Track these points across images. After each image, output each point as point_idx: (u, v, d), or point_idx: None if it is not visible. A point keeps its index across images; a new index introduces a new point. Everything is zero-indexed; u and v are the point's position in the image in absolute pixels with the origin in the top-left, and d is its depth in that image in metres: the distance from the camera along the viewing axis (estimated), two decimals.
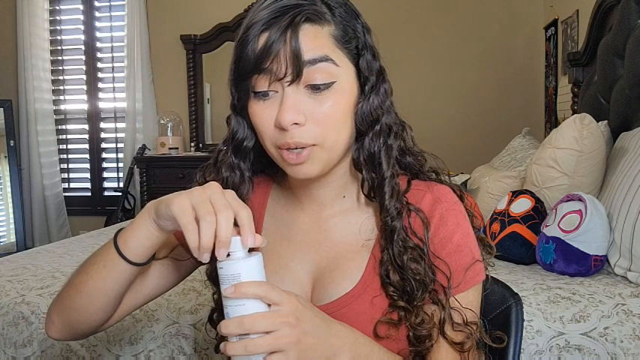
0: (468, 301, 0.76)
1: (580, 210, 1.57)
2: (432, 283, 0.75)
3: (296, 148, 0.71)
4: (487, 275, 0.79)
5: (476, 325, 0.77)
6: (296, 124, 0.70)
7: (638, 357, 1.23)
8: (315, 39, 0.70)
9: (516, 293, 0.89)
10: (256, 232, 0.81)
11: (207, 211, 0.60)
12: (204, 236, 0.59)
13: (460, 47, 3.77)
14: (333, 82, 0.71)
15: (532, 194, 1.80)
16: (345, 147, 0.75)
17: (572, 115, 1.97)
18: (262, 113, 0.72)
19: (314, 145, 0.71)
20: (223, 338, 0.78)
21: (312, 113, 0.71)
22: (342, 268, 0.78)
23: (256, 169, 0.84)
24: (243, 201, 0.78)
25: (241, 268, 0.62)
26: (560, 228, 1.58)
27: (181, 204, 0.62)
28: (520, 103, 3.71)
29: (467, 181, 2.62)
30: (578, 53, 2.61)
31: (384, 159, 0.76)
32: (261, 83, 0.71)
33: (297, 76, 0.69)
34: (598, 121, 1.84)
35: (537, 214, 1.75)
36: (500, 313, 0.88)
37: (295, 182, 0.82)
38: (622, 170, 1.67)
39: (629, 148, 1.74)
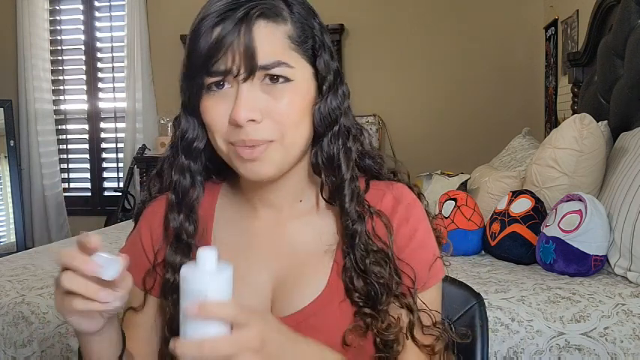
0: (431, 299, 0.75)
1: (580, 210, 1.57)
2: (398, 287, 0.72)
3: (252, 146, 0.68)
4: (445, 275, 0.79)
5: (443, 326, 0.76)
6: (252, 120, 0.66)
7: (638, 357, 1.23)
8: (270, 39, 0.66)
9: (478, 294, 0.90)
10: (205, 241, 0.78)
11: (57, 281, 0.58)
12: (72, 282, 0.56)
13: (460, 47, 3.77)
14: (290, 80, 0.68)
15: (532, 194, 1.80)
16: (303, 148, 0.72)
17: (572, 115, 1.97)
18: (215, 107, 0.68)
19: (271, 141, 0.68)
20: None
21: (268, 110, 0.67)
22: (305, 276, 0.75)
23: (204, 173, 0.79)
24: (194, 205, 0.76)
25: (210, 284, 0.54)
26: (560, 228, 1.58)
27: (57, 306, 0.61)
28: (520, 103, 3.71)
29: (467, 181, 2.62)
30: (578, 53, 2.61)
31: (344, 161, 0.73)
32: (215, 79, 0.68)
33: (250, 73, 0.66)
34: (598, 121, 1.84)
35: (537, 214, 1.75)
36: (464, 314, 0.88)
37: (248, 186, 0.78)
38: (622, 170, 1.67)
39: (629, 148, 1.74)
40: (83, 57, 4.29)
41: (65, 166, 4.37)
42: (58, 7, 4.28)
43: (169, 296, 0.75)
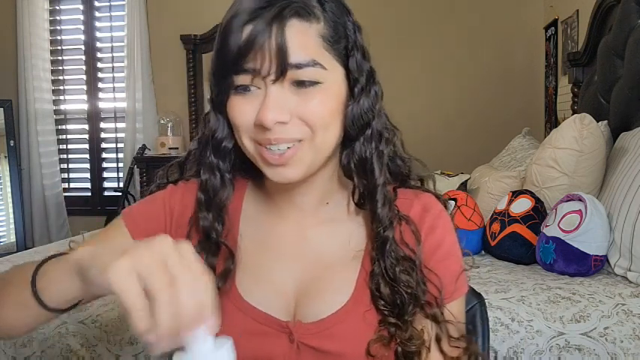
0: (457, 311, 0.74)
1: (580, 210, 1.57)
2: (424, 295, 0.71)
3: (278, 148, 0.65)
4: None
5: (470, 339, 0.74)
6: (280, 122, 0.64)
7: (638, 357, 1.23)
8: (303, 39, 0.64)
9: (480, 294, 0.90)
10: (232, 238, 0.75)
11: (162, 284, 0.46)
12: (163, 322, 0.46)
13: (460, 47, 3.77)
14: (319, 83, 0.65)
15: (532, 194, 1.80)
16: (332, 149, 0.70)
17: (572, 115, 1.97)
18: (242, 108, 0.66)
19: (300, 140, 0.66)
20: None
21: (297, 111, 0.65)
22: (331, 282, 0.73)
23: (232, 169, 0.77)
24: (224, 205, 0.74)
25: None
26: (560, 228, 1.58)
27: (122, 274, 0.46)
28: (520, 103, 3.71)
29: (467, 181, 2.62)
30: (578, 53, 2.61)
31: (377, 165, 0.71)
32: (243, 78, 0.65)
33: (281, 74, 0.63)
34: (598, 121, 1.84)
35: (537, 214, 1.75)
36: (465, 314, 0.88)
37: (274, 187, 0.76)
38: (622, 170, 1.67)
39: (629, 148, 1.74)
40: (83, 57, 4.28)
41: (65, 166, 4.36)
42: (58, 7, 4.27)
43: None
